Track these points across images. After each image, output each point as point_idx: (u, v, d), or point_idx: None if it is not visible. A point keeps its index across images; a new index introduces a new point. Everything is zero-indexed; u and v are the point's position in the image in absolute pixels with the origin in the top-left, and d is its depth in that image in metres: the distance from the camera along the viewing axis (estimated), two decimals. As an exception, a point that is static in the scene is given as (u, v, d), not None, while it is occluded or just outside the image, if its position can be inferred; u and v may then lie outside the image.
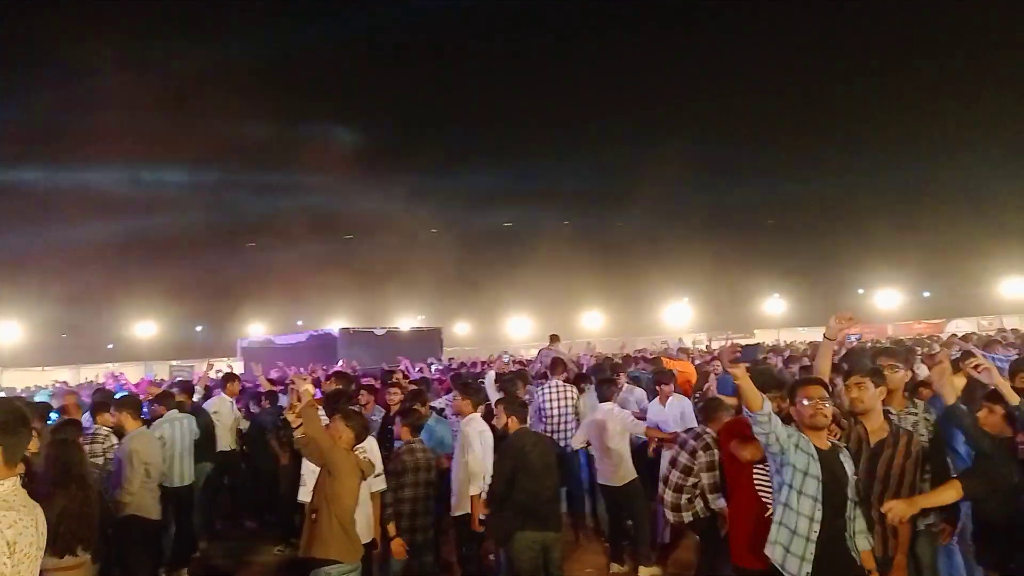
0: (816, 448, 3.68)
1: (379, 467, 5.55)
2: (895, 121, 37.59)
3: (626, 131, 41.56)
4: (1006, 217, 34.12)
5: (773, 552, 3.64)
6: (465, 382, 7.22)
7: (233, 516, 9.34)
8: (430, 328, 25.39)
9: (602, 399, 7.16)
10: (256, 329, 37.23)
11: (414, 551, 5.71)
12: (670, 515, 5.77)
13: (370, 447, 5.56)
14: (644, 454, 7.23)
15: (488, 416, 6.50)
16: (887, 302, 38.89)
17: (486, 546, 6.42)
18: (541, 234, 38.91)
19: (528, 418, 5.91)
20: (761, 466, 4.15)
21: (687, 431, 5.99)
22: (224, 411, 8.99)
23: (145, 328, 39.60)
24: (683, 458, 5.72)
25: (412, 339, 21.22)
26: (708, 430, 5.61)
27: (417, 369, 11.98)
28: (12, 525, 2.49)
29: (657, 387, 7.64)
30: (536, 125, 41.88)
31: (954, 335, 17.65)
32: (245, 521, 9.13)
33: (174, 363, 28.09)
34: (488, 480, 5.68)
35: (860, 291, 40.86)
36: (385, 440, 6.65)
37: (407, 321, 34.92)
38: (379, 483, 5.56)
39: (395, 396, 7.40)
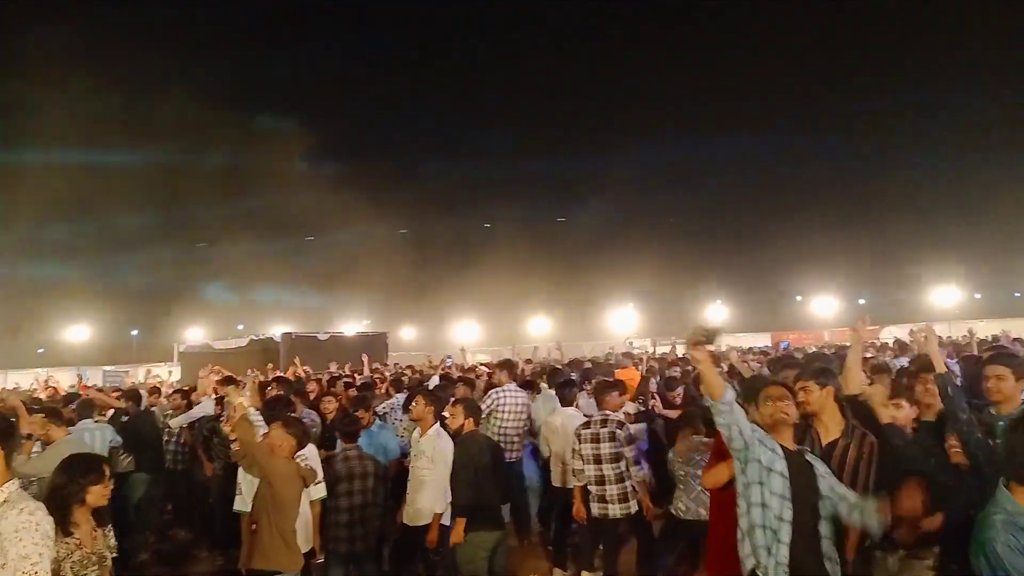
0: (782, 447, 3.60)
1: (320, 474, 5.42)
2: (833, 133, 38.84)
3: (574, 137, 41.95)
4: (937, 228, 35.59)
5: (747, 553, 3.54)
6: (433, 392, 7.10)
7: (168, 527, 9.04)
8: (375, 333, 25.05)
9: (564, 403, 7.13)
10: (195, 333, 36.22)
11: (353, 561, 5.59)
12: (618, 510, 5.84)
13: (310, 454, 5.42)
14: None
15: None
16: (824, 309, 39.92)
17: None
18: (488, 239, 38.99)
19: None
20: None
21: (592, 423, 6.05)
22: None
23: (77, 332, 38.19)
24: (607, 448, 5.81)
25: (357, 344, 20.88)
26: (608, 413, 5.75)
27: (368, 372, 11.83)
28: (45, 518, 2.85)
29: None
30: (483, 130, 41.97)
31: (886, 342, 18.17)
32: (180, 531, 8.84)
33: (108, 368, 27.17)
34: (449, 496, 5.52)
35: (798, 298, 41.91)
36: (328, 448, 6.51)
37: (352, 326, 34.45)
38: (319, 490, 5.41)
39: (330, 404, 7.26)
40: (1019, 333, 22.72)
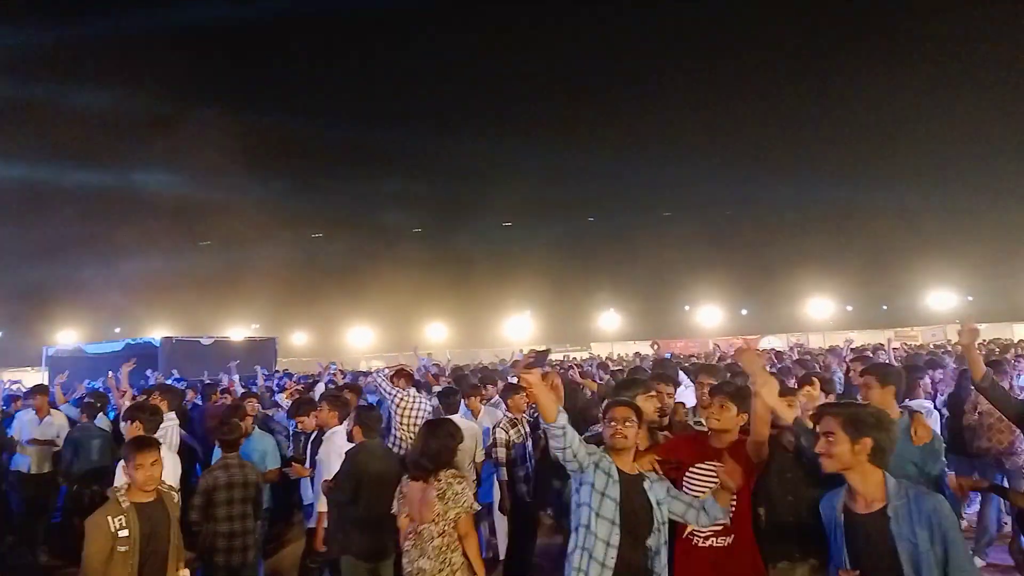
0: (619, 470, 3.56)
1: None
2: (717, 148, 40.60)
3: (473, 143, 42.01)
4: (811, 245, 37.79)
5: (568, 572, 3.49)
6: (334, 394, 6.86)
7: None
8: (264, 338, 24.19)
9: (448, 411, 7.04)
10: (67, 336, 33.93)
11: (231, 571, 5.35)
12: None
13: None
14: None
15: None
16: (709, 318, 41.56)
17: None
18: (384, 243, 38.49)
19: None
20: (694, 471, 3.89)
21: (505, 430, 6.12)
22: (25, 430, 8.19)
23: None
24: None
25: (243, 349, 20.11)
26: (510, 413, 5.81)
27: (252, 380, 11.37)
28: None
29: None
30: (380, 135, 41.41)
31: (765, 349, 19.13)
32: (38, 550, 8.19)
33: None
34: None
35: (686, 308, 43.47)
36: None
37: (239, 330, 33.14)
38: None
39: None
40: (883, 342, 24.45)
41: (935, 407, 7.01)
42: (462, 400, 7.37)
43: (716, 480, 3.62)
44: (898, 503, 2.84)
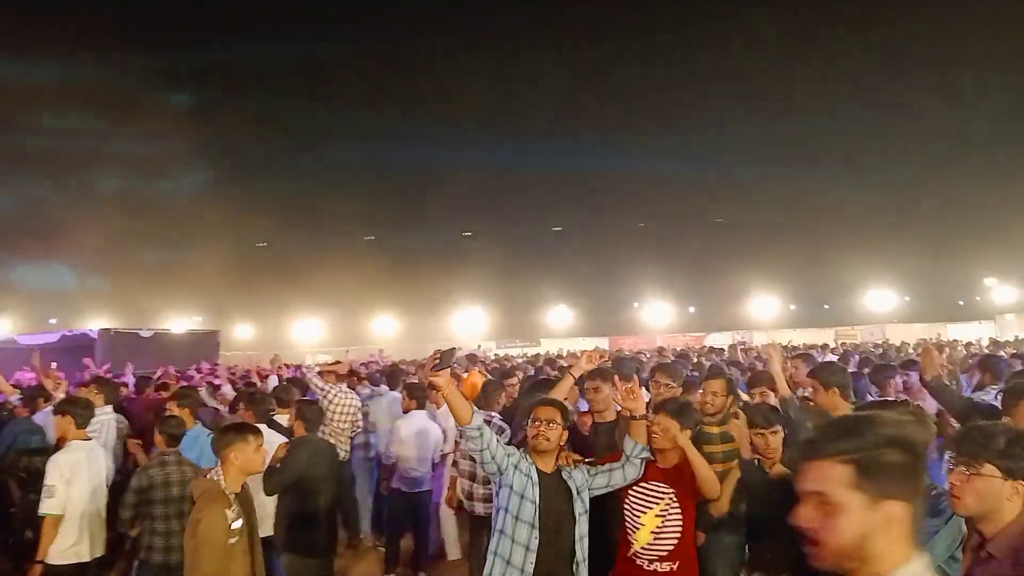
0: (538, 471, 3.48)
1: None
2: (664, 147, 41.14)
3: (422, 135, 41.81)
4: (756, 242, 38.68)
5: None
6: (251, 393, 6.70)
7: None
8: (206, 331, 23.62)
9: (419, 406, 6.99)
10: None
11: (168, 571, 5.20)
12: (481, 508, 5.83)
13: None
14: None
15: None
16: (657, 316, 42.10)
17: None
18: (333, 236, 37.97)
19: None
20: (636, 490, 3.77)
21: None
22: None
23: None
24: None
25: (185, 342, 19.62)
26: (492, 414, 5.77)
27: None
28: None
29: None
30: (331, 125, 40.91)
31: (712, 346, 19.56)
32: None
33: None
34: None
35: (635, 305, 43.95)
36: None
37: (181, 322, 32.29)
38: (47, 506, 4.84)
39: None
40: (826, 340, 25.18)
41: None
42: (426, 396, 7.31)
43: (658, 501, 3.61)
44: None
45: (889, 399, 5.25)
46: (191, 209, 33.12)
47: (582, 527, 3.52)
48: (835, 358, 10.25)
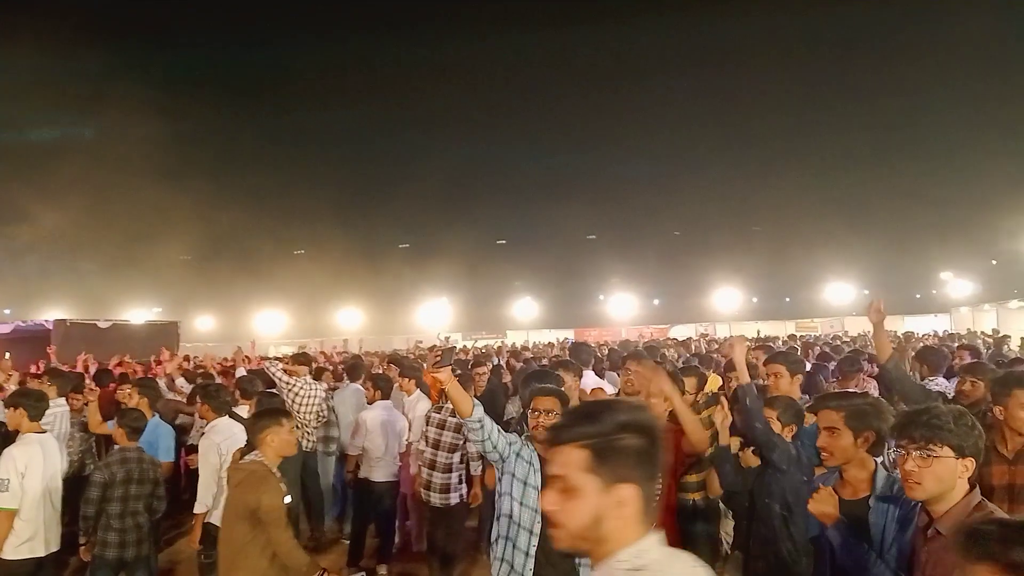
0: (540, 458, 3.53)
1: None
2: (628, 141, 41.39)
3: (388, 125, 41.56)
4: (719, 235, 39.21)
5: (497, 569, 3.48)
6: (205, 386, 6.59)
7: None
8: (165, 322, 23.17)
9: (384, 397, 6.94)
10: (-50, 317, 31.70)
11: (124, 567, 5.12)
12: (437, 499, 5.85)
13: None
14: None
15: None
16: (623, 308, 42.37)
17: None
18: (297, 225, 37.50)
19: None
20: None
21: (444, 409, 6.01)
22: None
23: None
24: (448, 437, 5.81)
25: (144, 333, 19.21)
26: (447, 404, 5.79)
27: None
28: None
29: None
30: (296, 117, 40.45)
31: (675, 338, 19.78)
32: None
33: None
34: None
35: (601, 297, 44.20)
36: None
37: (140, 313, 31.62)
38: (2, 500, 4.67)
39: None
40: (788, 332, 25.62)
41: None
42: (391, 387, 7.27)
43: None
44: (881, 495, 2.83)
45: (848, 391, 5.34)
46: (152, 198, 32.39)
47: None
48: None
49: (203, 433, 5.75)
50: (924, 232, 37.43)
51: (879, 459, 3.09)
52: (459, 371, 6.45)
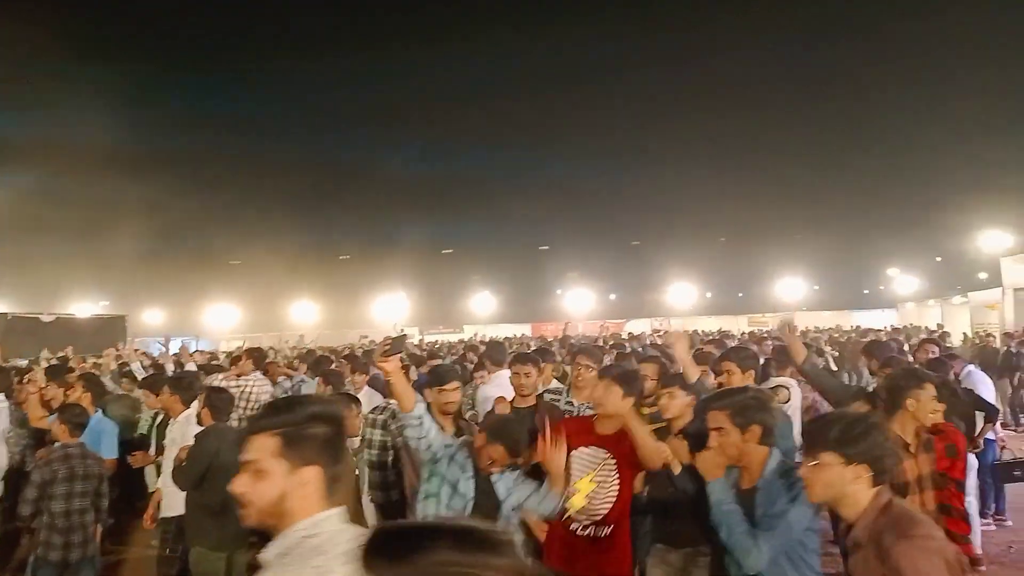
0: (474, 467, 3.48)
1: None
2: (582, 139, 41.66)
3: (343, 120, 41.18)
4: (674, 231, 39.74)
5: None
6: (178, 377, 6.42)
7: None
8: (112, 315, 22.61)
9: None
10: None
11: (67, 568, 4.98)
12: (379, 496, 5.75)
13: None
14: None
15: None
16: (580, 302, 42.66)
17: None
18: (251, 216, 36.83)
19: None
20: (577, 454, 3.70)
21: (384, 409, 5.95)
22: None
23: None
24: (376, 435, 5.72)
25: (90, 327, 18.76)
26: (392, 402, 5.71)
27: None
28: None
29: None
30: (247, 102, 39.78)
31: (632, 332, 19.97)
32: None
33: None
34: None
35: (558, 292, 44.44)
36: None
37: (86, 307, 30.72)
38: None
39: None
40: (740, 327, 26.06)
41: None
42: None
43: (594, 466, 3.60)
44: (770, 479, 2.90)
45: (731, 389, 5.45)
46: (99, 187, 31.49)
47: (513, 524, 3.52)
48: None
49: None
50: (872, 230, 38.47)
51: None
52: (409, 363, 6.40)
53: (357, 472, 4.67)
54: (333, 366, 8.90)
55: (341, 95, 40.56)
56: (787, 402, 4.93)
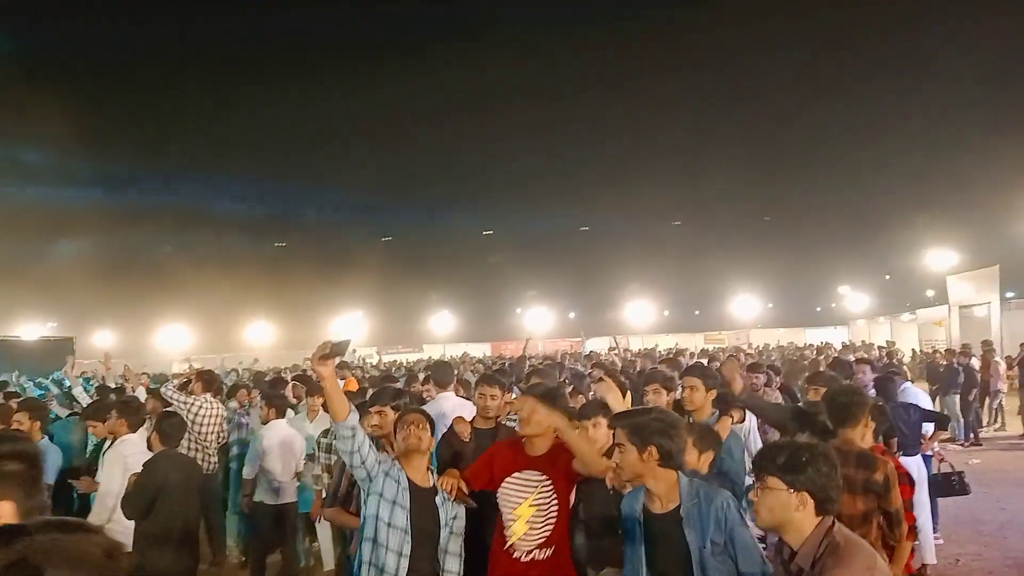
0: (409, 480, 3.46)
1: None
2: (543, 157, 41.95)
3: (304, 130, 40.96)
4: (633, 251, 40.22)
5: None
6: (125, 400, 6.25)
7: None
8: (60, 337, 21.96)
9: (279, 415, 6.69)
10: None
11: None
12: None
13: None
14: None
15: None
16: (538, 321, 42.75)
17: None
18: (204, 235, 36.29)
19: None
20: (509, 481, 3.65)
21: (322, 433, 5.91)
22: None
23: None
24: (332, 460, 5.71)
25: (37, 350, 18.19)
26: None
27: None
28: None
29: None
30: (198, 126, 39.30)
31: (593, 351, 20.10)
32: None
33: None
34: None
35: (518, 310, 44.49)
36: None
37: (33, 328, 29.78)
38: None
39: None
40: (697, 344, 26.36)
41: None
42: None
43: (531, 490, 3.55)
44: (690, 503, 2.89)
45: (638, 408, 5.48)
46: (47, 205, 30.71)
47: (457, 542, 3.54)
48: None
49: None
50: (824, 249, 39.37)
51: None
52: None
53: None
54: (289, 388, 8.82)
55: (293, 117, 40.45)
56: (742, 422, 4.94)
